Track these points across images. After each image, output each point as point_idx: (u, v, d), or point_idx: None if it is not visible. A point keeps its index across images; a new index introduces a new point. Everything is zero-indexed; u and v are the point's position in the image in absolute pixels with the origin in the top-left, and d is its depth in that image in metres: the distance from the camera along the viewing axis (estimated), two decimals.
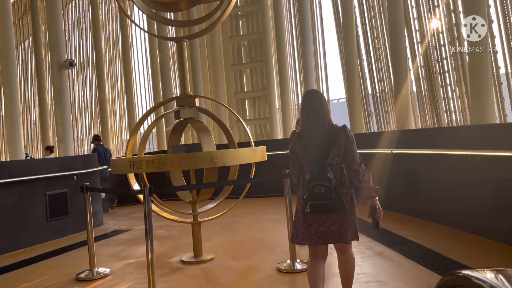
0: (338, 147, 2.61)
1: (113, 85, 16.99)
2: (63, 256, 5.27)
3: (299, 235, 2.65)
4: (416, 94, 7.64)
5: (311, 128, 2.67)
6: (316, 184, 2.50)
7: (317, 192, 2.49)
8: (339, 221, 2.59)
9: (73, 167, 6.65)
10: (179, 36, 4.80)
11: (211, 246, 5.10)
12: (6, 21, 9.05)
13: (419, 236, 4.79)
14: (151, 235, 3.46)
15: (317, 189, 2.49)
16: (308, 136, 2.67)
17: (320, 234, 2.60)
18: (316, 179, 2.50)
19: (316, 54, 12.02)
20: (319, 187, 2.49)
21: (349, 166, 2.63)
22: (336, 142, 2.61)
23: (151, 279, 3.45)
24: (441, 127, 7.15)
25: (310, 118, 2.68)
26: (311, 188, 2.51)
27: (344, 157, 2.62)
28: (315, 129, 2.66)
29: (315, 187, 2.50)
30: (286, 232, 4.23)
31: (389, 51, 8.01)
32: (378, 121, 8.91)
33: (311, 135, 2.66)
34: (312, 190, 2.51)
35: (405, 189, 5.97)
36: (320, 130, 2.65)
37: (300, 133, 2.73)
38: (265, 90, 13.61)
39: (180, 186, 3.82)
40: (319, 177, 2.50)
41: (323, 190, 2.49)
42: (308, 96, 2.74)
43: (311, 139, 2.65)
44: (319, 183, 2.49)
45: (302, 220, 2.63)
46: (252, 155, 4.16)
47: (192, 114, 4.52)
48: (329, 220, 2.58)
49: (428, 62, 7.16)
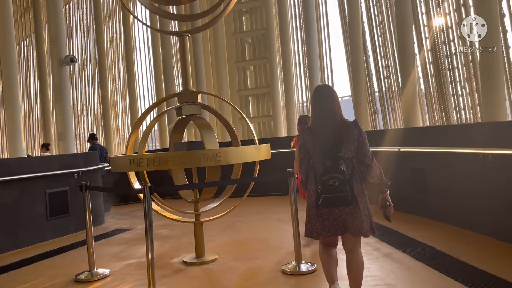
0: (351, 142, 2.62)
1: (116, 83, 16.89)
2: (63, 256, 5.16)
3: (315, 230, 2.65)
4: (424, 91, 7.47)
5: (324, 122, 2.67)
6: (330, 177, 2.49)
7: (331, 185, 2.49)
8: (352, 215, 2.58)
9: (74, 165, 6.55)
10: (181, 30, 4.67)
11: (213, 246, 4.98)
12: (7, 17, 8.94)
13: (427, 237, 4.65)
14: (151, 235, 3.35)
15: (331, 182, 2.49)
16: (321, 130, 2.66)
17: (335, 227, 2.61)
18: (330, 172, 2.50)
19: (321, 50, 11.84)
20: (333, 180, 2.49)
21: (362, 161, 2.65)
22: (348, 136, 2.62)
23: (151, 281, 3.33)
24: (450, 124, 6.99)
25: (323, 113, 2.68)
26: (325, 181, 2.50)
27: (357, 152, 2.64)
28: (327, 123, 2.66)
29: (329, 180, 2.49)
30: (291, 232, 4.10)
31: (396, 47, 7.85)
32: (385, 119, 8.75)
33: (324, 129, 2.65)
34: (326, 183, 2.50)
35: (413, 188, 5.83)
36: (333, 124, 2.65)
37: (311, 128, 2.72)
38: (269, 87, 13.45)
39: (182, 185, 3.70)
40: (333, 170, 2.50)
41: (337, 183, 2.49)
42: (320, 91, 2.75)
43: (323, 133, 2.65)
44: (333, 176, 2.49)
45: (316, 215, 2.64)
46: (256, 153, 4.03)
47: (194, 110, 4.39)
48: (342, 214, 2.59)
49: (437, 58, 6.98)
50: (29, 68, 17.80)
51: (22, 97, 17.86)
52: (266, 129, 14.04)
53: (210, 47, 14.34)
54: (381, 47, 8.66)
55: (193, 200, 4.50)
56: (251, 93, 14.22)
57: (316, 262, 4.00)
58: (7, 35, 8.91)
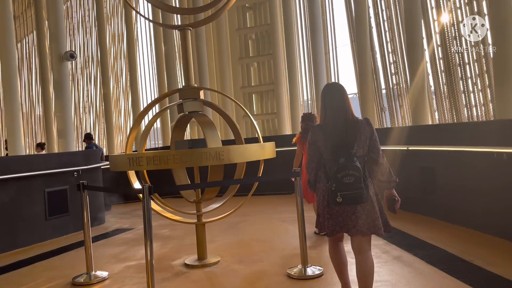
0: (363, 139, 2.62)
1: (118, 81, 16.76)
2: (61, 256, 5.02)
3: (329, 227, 2.65)
4: (433, 88, 7.25)
5: (335, 120, 2.66)
6: (345, 174, 2.48)
7: (346, 182, 2.48)
8: (365, 213, 2.57)
9: (73, 163, 6.40)
10: (183, 24, 4.50)
11: (216, 248, 4.82)
12: (6, 13, 8.79)
13: (439, 239, 4.47)
14: (151, 237, 3.18)
15: (346, 179, 2.48)
16: (332, 128, 2.65)
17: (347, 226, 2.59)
18: (345, 169, 2.48)
19: (327, 46, 11.63)
20: (348, 177, 2.48)
21: (374, 159, 2.66)
22: (361, 134, 2.62)
23: (151, 285, 3.17)
24: (461, 122, 6.79)
25: (334, 110, 2.68)
26: (340, 178, 2.49)
27: (368, 150, 2.65)
28: (339, 121, 2.65)
29: (344, 177, 2.48)
30: (297, 233, 3.94)
31: (404, 42, 7.63)
32: (392, 116, 8.54)
33: (335, 126, 2.65)
34: (341, 181, 2.49)
35: (422, 188, 5.64)
36: (344, 121, 2.64)
37: (322, 125, 2.72)
38: (273, 84, 13.28)
39: (183, 186, 3.54)
40: (347, 167, 2.49)
41: (352, 180, 2.48)
42: (331, 89, 2.76)
43: (335, 131, 2.64)
44: (348, 173, 2.48)
45: (329, 213, 2.63)
46: (261, 152, 3.86)
47: (196, 107, 4.22)
48: (355, 212, 2.57)
49: (447, 53, 6.76)
50: (31, 65, 17.69)
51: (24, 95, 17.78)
52: (270, 127, 13.87)
53: (213, 43, 14.17)
54: (389, 43, 8.43)
55: (195, 200, 4.34)
56: (255, 90, 14.06)
57: (323, 265, 3.85)
58: (6, 31, 8.76)
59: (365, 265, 2.61)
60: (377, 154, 2.65)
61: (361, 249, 2.63)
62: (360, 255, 2.63)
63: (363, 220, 2.56)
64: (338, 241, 2.81)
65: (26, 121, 17.67)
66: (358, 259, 2.64)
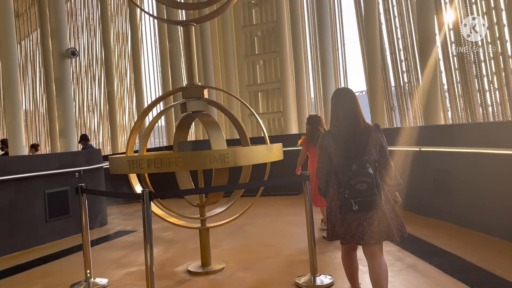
0: (374, 145, 2.65)
1: (122, 81, 16.65)
2: (61, 261, 4.85)
3: (339, 234, 2.64)
4: (446, 86, 6.98)
5: (347, 126, 2.67)
6: (358, 181, 2.48)
7: (359, 189, 2.48)
8: (377, 219, 2.56)
9: (75, 163, 6.24)
10: (186, 20, 4.28)
11: (221, 253, 4.63)
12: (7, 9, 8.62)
13: (455, 246, 4.24)
14: (151, 244, 3.00)
15: (359, 186, 2.48)
16: (344, 135, 2.65)
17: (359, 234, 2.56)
18: (358, 176, 2.49)
19: (335, 43, 11.37)
20: (361, 184, 2.48)
21: (383, 164, 2.69)
22: (372, 140, 2.64)
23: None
24: (476, 122, 6.54)
25: (346, 117, 2.69)
26: (352, 185, 2.49)
27: (378, 155, 2.67)
28: (351, 127, 2.66)
29: (357, 184, 2.48)
30: (305, 237, 3.74)
31: (415, 39, 7.38)
32: (402, 116, 8.28)
33: (347, 133, 2.65)
34: (354, 188, 2.49)
35: (436, 191, 5.42)
36: (356, 127, 2.65)
37: (333, 132, 2.72)
38: (279, 83, 13.05)
39: (186, 190, 3.35)
40: (360, 173, 2.49)
41: (365, 187, 2.48)
42: (341, 94, 2.77)
43: (347, 137, 2.64)
44: (361, 180, 2.48)
45: (341, 220, 2.61)
46: (268, 154, 3.65)
47: (200, 107, 4.02)
48: (367, 218, 2.55)
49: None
50: (35, 63, 17.63)
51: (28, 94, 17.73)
52: (276, 126, 13.66)
53: (218, 41, 13.97)
54: (400, 40, 8.16)
55: (198, 204, 4.14)
56: (260, 88, 13.85)
57: (332, 272, 3.65)
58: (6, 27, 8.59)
59: (379, 268, 2.58)
60: (386, 160, 2.69)
61: (373, 254, 2.61)
62: (373, 260, 2.61)
63: (375, 226, 2.55)
64: (352, 250, 2.83)
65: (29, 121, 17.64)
66: (371, 264, 2.62)
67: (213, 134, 3.79)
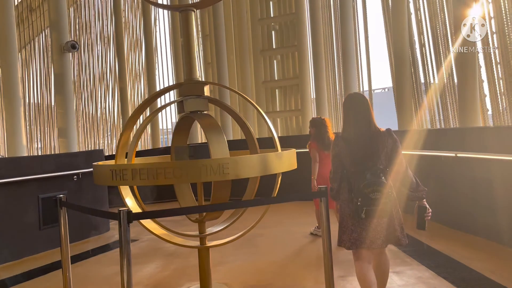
0: (386, 151, 2.65)
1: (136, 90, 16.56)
2: (49, 276, 4.39)
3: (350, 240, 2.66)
4: (486, 83, 6.19)
5: (359, 132, 2.68)
6: (372, 190, 2.53)
7: (373, 198, 2.53)
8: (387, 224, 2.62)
9: (73, 166, 5.78)
10: (184, 4, 3.71)
11: (224, 273, 4.08)
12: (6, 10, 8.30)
13: (501, 273, 3.55)
14: (130, 280, 2.45)
15: (372, 195, 2.53)
16: (356, 140, 2.67)
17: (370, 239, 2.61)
18: (372, 185, 2.54)
19: (357, 37, 10.62)
20: (375, 193, 2.53)
21: (398, 171, 2.64)
22: (383, 147, 2.64)
23: None
24: None
25: (358, 123, 2.70)
26: (367, 194, 2.54)
27: (390, 161, 2.65)
28: (363, 133, 2.67)
29: (371, 193, 2.53)
30: (320, 251, 3.17)
31: (451, 30, 6.60)
32: (432, 117, 7.51)
33: (359, 139, 2.67)
34: (368, 196, 2.54)
35: (474, 202, 4.71)
36: (368, 134, 2.67)
37: (345, 137, 2.72)
38: (297, 79, 12.42)
39: (173, 210, 2.79)
40: (375, 183, 2.54)
41: (378, 196, 2.53)
42: (353, 100, 2.77)
43: (359, 143, 2.66)
44: (375, 189, 2.53)
45: (354, 225, 2.64)
46: (277, 163, 3.03)
47: (199, 106, 3.44)
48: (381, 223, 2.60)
49: (505, 43, 5.71)
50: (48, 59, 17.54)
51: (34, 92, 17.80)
52: (294, 125, 13.03)
53: (233, 35, 13.43)
54: (430, 32, 7.35)
55: (197, 219, 3.58)
56: (278, 85, 13.30)
57: None
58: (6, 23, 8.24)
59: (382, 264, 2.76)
60: (400, 165, 2.64)
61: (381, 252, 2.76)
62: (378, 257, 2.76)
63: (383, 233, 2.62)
64: (366, 263, 2.73)
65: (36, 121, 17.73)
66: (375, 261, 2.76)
67: (213, 139, 3.20)
